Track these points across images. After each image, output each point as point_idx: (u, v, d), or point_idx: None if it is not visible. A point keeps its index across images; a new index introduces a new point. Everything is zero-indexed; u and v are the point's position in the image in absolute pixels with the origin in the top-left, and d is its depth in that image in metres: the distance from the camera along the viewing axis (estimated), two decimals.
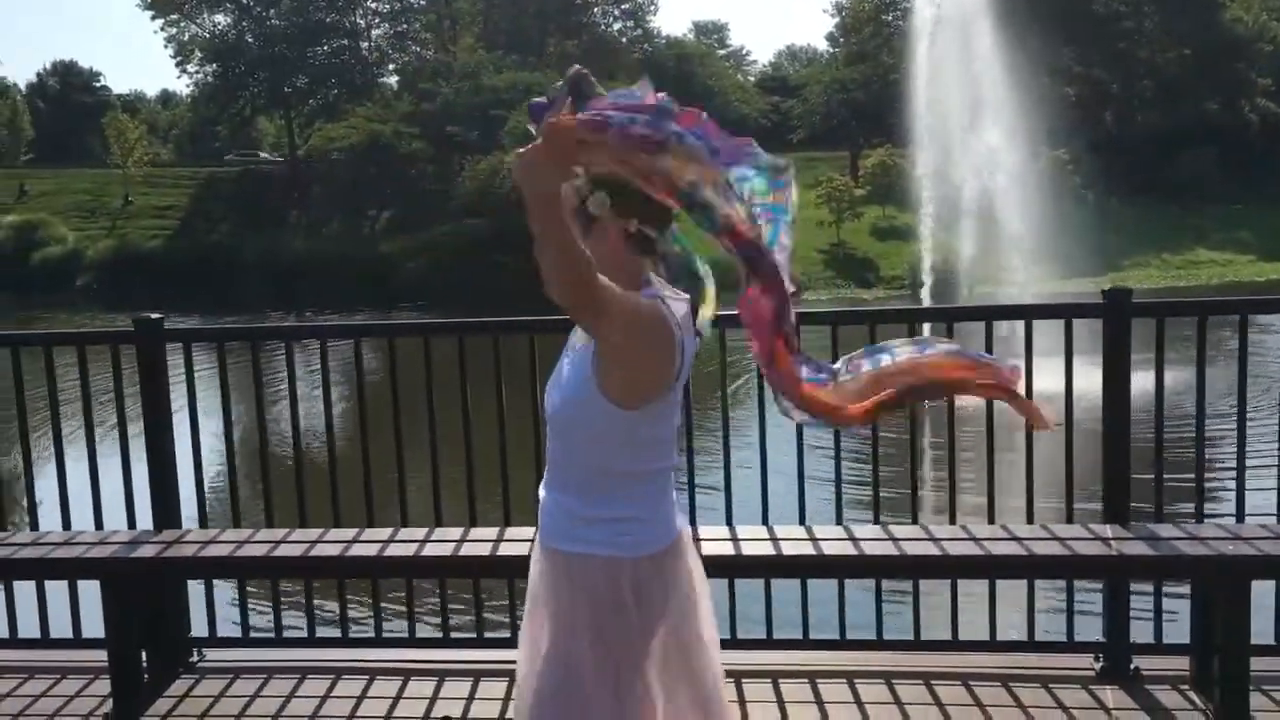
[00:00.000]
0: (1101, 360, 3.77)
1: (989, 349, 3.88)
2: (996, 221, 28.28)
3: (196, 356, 4.30)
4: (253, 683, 4.09)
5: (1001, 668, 3.90)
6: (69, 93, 78.47)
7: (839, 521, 4.02)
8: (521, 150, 1.99)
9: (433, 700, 3.87)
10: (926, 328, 4.10)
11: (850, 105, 45.68)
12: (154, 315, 4.30)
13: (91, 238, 48.07)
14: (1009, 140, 28.63)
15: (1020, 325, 3.94)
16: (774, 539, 3.80)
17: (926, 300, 28.87)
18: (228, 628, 4.38)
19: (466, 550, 3.83)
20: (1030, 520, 3.91)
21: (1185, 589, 3.87)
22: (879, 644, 4.05)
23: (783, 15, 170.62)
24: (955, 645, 4.01)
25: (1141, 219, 35.38)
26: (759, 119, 50.53)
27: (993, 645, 3.97)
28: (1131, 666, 3.82)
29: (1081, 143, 37.18)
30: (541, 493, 2.37)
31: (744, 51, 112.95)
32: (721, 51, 68.97)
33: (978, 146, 29.03)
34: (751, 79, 65.51)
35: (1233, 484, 3.85)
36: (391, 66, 60.78)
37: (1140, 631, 3.91)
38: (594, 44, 55.84)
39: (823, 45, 72.61)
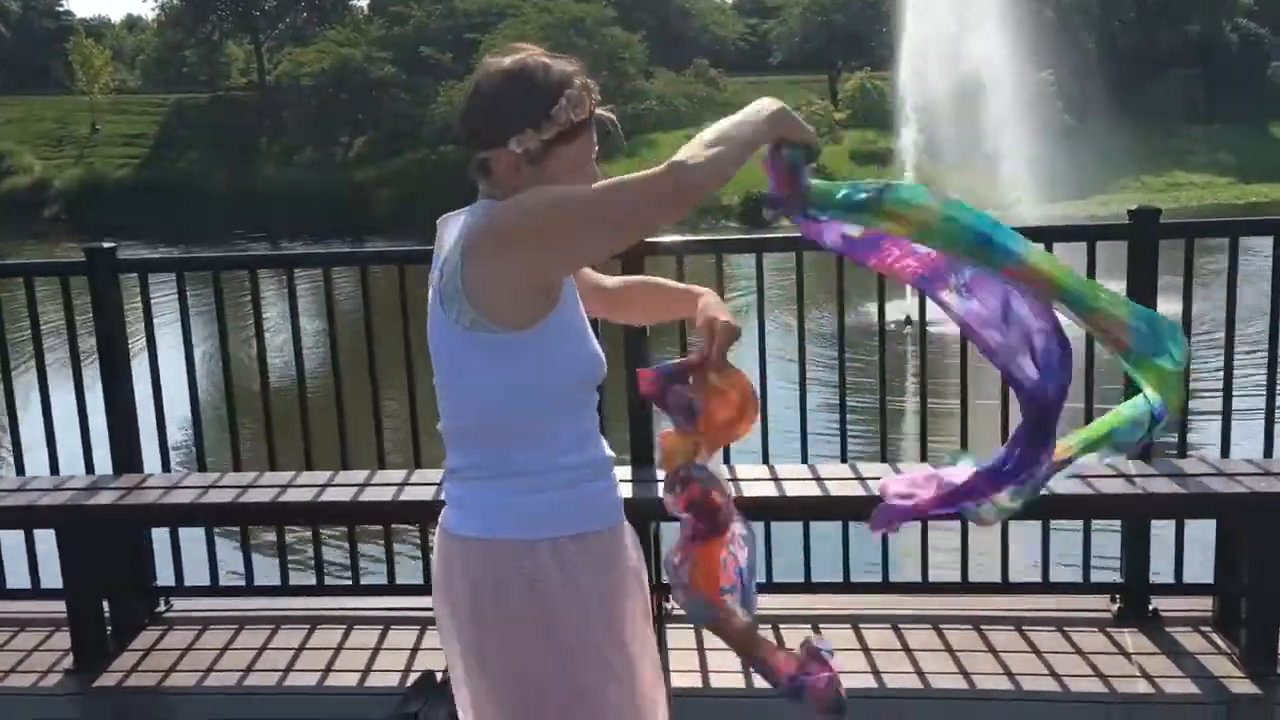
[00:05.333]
0: (1125, 286, 3.52)
1: None
2: (979, 145, 27.95)
3: (159, 290, 4.01)
4: (223, 633, 3.87)
5: (1014, 610, 3.72)
6: (32, 18, 76.40)
7: (844, 460, 3.80)
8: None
9: (414, 651, 3.66)
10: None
11: (829, 28, 44.88)
12: (107, 244, 3.99)
13: (59, 167, 47.05)
14: (992, 62, 28.20)
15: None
16: (776, 479, 3.58)
17: None
18: (196, 575, 4.13)
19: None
20: None
21: (1206, 526, 3.67)
22: (885, 587, 3.85)
23: None
24: (966, 588, 3.82)
25: (1122, 142, 35.02)
26: (736, 41, 49.72)
27: (1005, 587, 3.77)
28: (1150, 608, 3.64)
29: (1064, 65, 36.69)
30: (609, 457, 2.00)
31: None
32: None
33: (961, 68, 28.59)
34: (728, 1, 64.37)
35: (1261, 416, 3.63)
36: None
37: (1159, 571, 3.72)
38: None
39: None
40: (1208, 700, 3.21)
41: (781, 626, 3.61)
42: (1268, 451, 3.62)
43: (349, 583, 4.12)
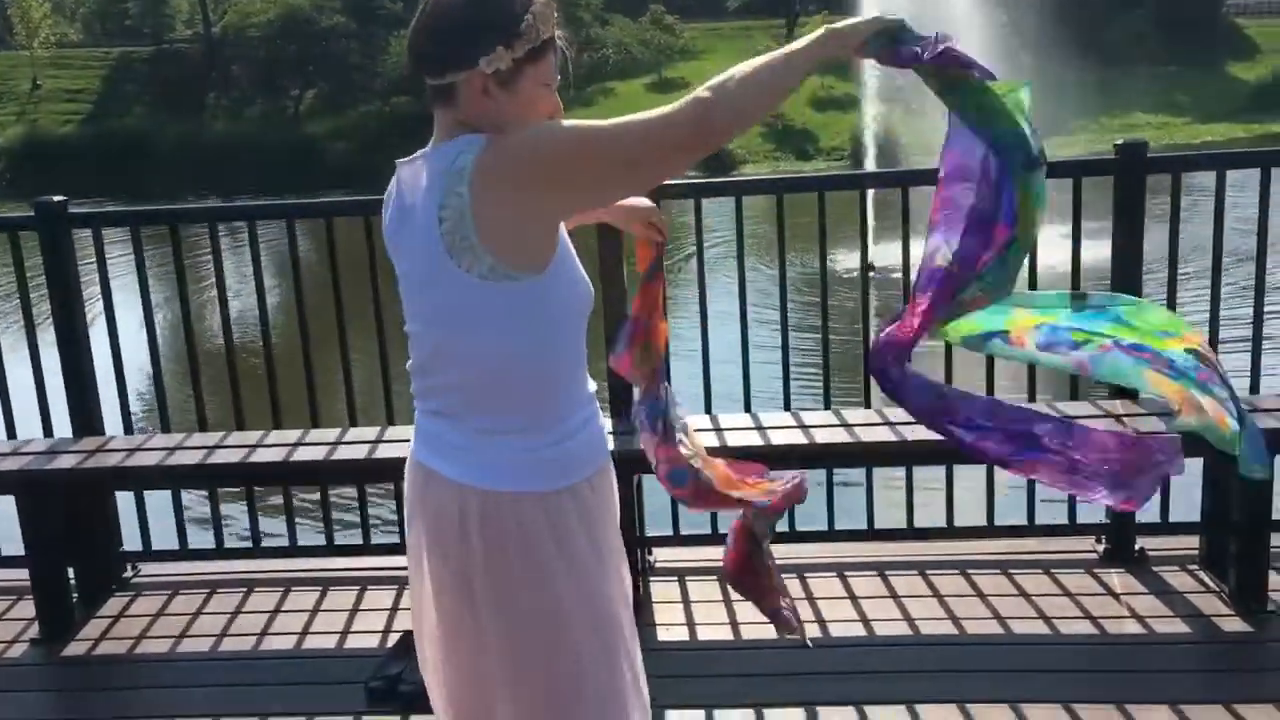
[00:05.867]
0: (1112, 222, 3.46)
1: None
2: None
3: (114, 246, 3.84)
4: (194, 598, 3.77)
5: (1001, 553, 3.68)
6: None
7: (828, 406, 3.73)
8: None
9: (392, 611, 3.58)
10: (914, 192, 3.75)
11: None
12: (57, 198, 3.82)
13: (1, 124, 45.88)
14: (952, 4, 28.07)
15: None
16: (760, 427, 3.51)
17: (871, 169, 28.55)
18: (164, 539, 4.01)
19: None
20: (1032, 398, 3.64)
21: (1193, 464, 3.63)
22: (870, 534, 3.80)
23: None
24: (951, 532, 3.78)
25: (1079, 84, 35.07)
26: None
27: (991, 531, 3.74)
28: (1137, 548, 3.61)
29: (1020, 8, 36.63)
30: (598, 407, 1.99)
31: None
32: None
33: (922, 11, 28.42)
34: None
35: (1247, 352, 3.60)
36: None
37: (1144, 511, 3.68)
38: None
39: None
40: (1199, 639, 3.19)
41: None
42: (1254, 388, 3.59)
43: (323, 543, 4.01)
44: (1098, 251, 3.65)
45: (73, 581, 3.73)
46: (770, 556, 2.15)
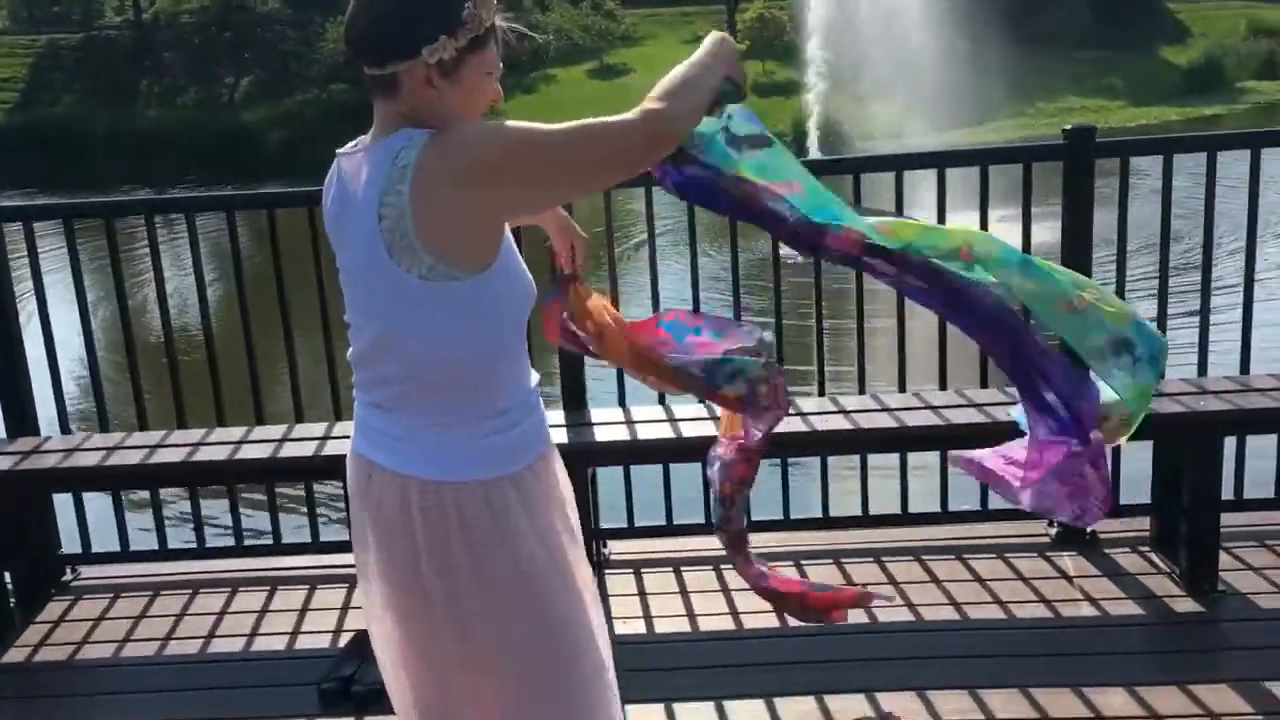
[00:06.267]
0: (1061, 208, 3.47)
1: (942, 197, 3.57)
2: (880, 73, 28.06)
3: (46, 240, 3.72)
4: (137, 601, 3.67)
5: (955, 539, 3.70)
6: None
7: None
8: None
9: (343, 610, 3.51)
10: (876, 178, 3.74)
11: None
12: None
13: None
14: None
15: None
16: (714, 417, 3.48)
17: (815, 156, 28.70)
18: (104, 541, 3.90)
19: None
20: (984, 384, 3.65)
21: (1142, 445, 3.66)
22: (825, 522, 3.79)
23: None
24: (906, 519, 3.78)
25: (1016, 69, 35.47)
26: None
27: (944, 517, 3.75)
28: (1088, 530, 3.64)
29: None
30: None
31: None
32: None
33: None
34: None
35: (1195, 334, 3.63)
36: None
37: None
38: None
39: None
40: (1151, 621, 3.22)
41: (723, 566, 3.53)
42: (1202, 370, 3.62)
43: (270, 542, 3.93)
44: (1046, 236, 3.67)
45: (10, 586, 3.61)
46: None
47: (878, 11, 29.09)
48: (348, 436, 3.38)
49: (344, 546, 3.68)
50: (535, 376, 1.93)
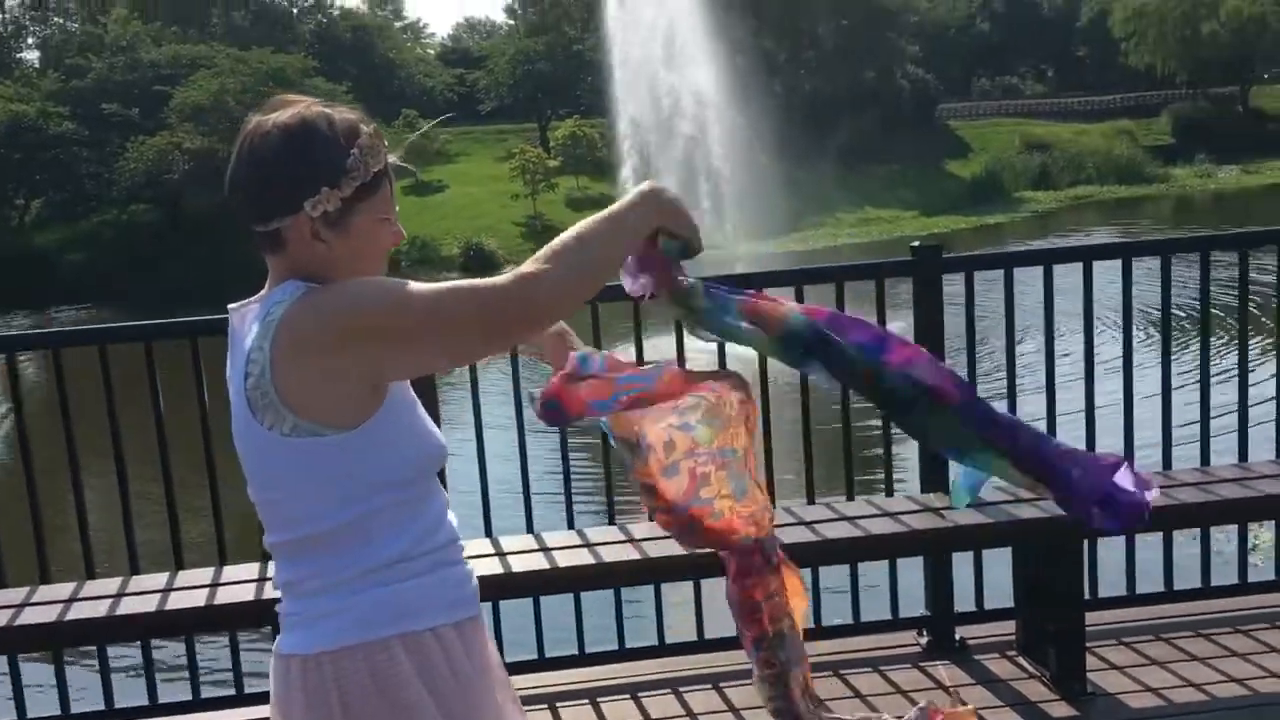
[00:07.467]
0: (913, 317, 3.58)
1: None
2: (691, 189, 29.06)
3: None
4: None
5: (831, 654, 3.66)
6: None
7: (613, 522, 3.62)
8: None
9: None
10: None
11: (535, 77, 45.40)
12: None
13: None
14: (696, 107, 29.46)
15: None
16: (499, 553, 3.38)
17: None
18: None
19: (223, 597, 3.17)
20: (850, 496, 3.68)
21: (1003, 550, 3.74)
22: (661, 650, 3.71)
23: None
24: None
25: (814, 180, 37.26)
26: (444, 92, 49.46)
27: (820, 632, 3.72)
28: (957, 638, 3.67)
29: (755, 109, 38.73)
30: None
31: (421, 24, 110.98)
32: (398, 24, 66.86)
33: (668, 114, 29.73)
34: (431, 52, 64.08)
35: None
36: (31, 40, 55.34)
37: (959, 599, 3.77)
38: (263, 15, 52.79)
39: (501, 17, 72.21)
40: None
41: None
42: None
43: (145, 702, 3.56)
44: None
45: None
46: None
47: (679, 127, 30.31)
48: (190, 587, 3.19)
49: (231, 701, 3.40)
50: (454, 534, 1.77)
